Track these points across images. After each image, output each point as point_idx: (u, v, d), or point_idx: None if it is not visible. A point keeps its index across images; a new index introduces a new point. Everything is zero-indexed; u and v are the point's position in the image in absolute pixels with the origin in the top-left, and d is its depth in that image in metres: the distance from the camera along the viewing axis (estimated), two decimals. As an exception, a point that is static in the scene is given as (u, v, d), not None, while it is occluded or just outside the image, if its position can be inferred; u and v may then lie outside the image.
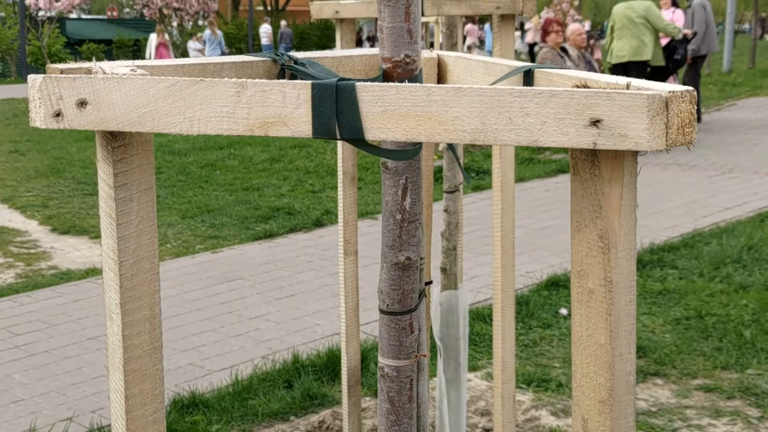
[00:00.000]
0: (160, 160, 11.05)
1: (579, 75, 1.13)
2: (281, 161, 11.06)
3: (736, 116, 14.53)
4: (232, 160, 11.23)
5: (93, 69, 1.13)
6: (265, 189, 9.45)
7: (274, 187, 9.58)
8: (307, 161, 11.00)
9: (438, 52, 1.56)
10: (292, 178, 10.07)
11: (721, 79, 20.66)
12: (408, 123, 1.02)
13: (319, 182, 9.70)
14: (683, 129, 0.99)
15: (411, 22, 1.24)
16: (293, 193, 9.30)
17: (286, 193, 9.27)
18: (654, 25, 11.95)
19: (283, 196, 9.11)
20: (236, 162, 11.12)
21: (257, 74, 1.34)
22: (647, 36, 11.94)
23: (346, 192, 2.90)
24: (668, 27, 12.20)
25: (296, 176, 10.14)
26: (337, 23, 3.27)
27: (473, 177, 9.55)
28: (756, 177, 9.23)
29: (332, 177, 9.50)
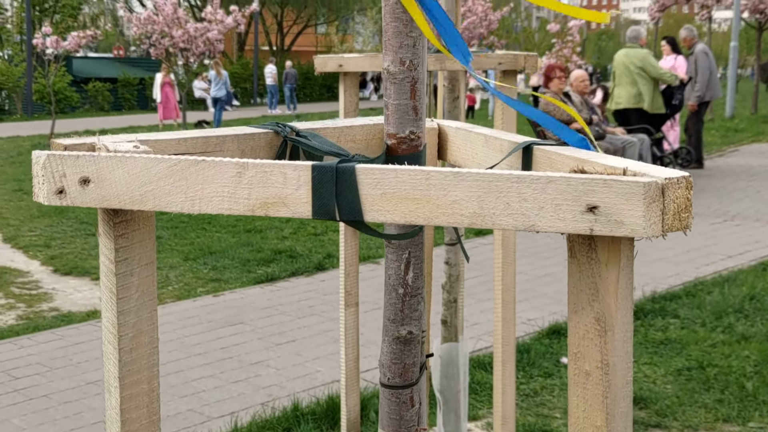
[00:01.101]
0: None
1: (577, 155, 1.15)
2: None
3: (739, 162, 14.57)
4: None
5: (96, 145, 1.14)
6: (268, 231, 9.47)
7: (276, 229, 9.59)
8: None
9: (438, 122, 1.58)
10: (295, 220, 10.09)
11: (723, 125, 20.73)
12: (407, 206, 1.03)
13: (321, 225, 9.71)
14: (679, 215, 1.00)
15: (416, 99, 1.25)
16: (295, 235, 9.31)
17: (289, 236, 9.28)
18: (650, 74, 12.06)
19: (286, 239, 9.12)
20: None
21: (259, 146, 1.35)
22: (644, 84, 12.05)
23: (347, 242, 2.91)
24: (665, 75, 12.29)
25: (298, 219, 10.15)
26: (341, 76, 3.29)
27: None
28: (758, 225, 9.24)
29: (335, 220, 9.53)
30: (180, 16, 21.78)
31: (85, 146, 1.14)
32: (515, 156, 1.29)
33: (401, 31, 1.23)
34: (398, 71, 1.24)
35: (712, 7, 21.65)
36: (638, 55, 12.18)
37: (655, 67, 12.32)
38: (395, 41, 1.23)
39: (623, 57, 12.29)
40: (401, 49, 1.23)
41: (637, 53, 12.22)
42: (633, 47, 12.42)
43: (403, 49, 1.23)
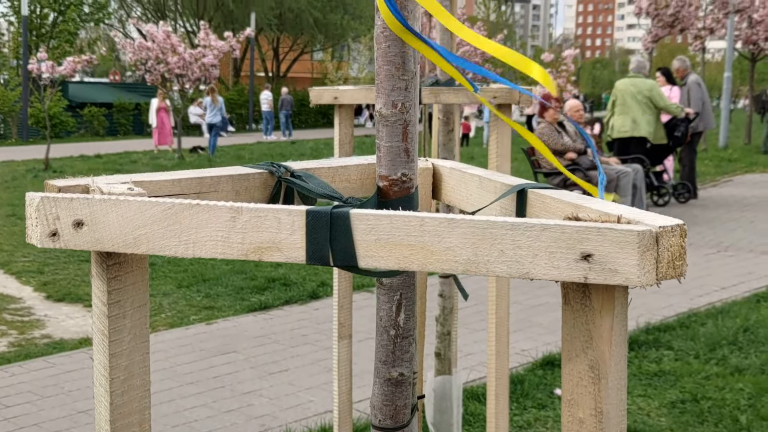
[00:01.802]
0: (157, 226, 11.06)
1: (571, 201, 1.15)
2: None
3: (732, 192, 14.61)
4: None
5: (90, 187, 1.14)
6: (262, 259, 9.44)
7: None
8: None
9: (433, 162, 1.58)
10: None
11: (717, 155, 20.82)
12: (401, 252, 1.03)
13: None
14: (673, 262, 1.00)
15: (408, 142, 1.25)
16: (289, 263, 9.29)
17: (282, 264, 9.26)
18: (657, 104, 12.09)
19: (279, 267, 9.10)
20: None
21: (254, 186, 1.35)
22: (649, 114, 12.09)
23: (341, 273, 2.91)
24: (671, 106, 12.33)
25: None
26: (336, 108, 3.30)
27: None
28: (752, 256, 9.25)
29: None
30: (173, 42, 21.86)
31: (79, 188, 1.14)
32: (509, 199, 1.29)
33: (393, 75, 1.23)
34: (390, 114, 1.24)
35: (705, 38, 21.78)
36: (646, 85, 12.19)
37: (663, 97, 12.34)
38: (387, 84, 1.24)
39: (629, 86, 12.27)
40: (393, 92, 1.24)
41: (645, 83, 12.23)
42: (638, 77, 12.44)
43: (395, 92, 1.24)
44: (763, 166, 19.29)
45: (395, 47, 1.22)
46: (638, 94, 12.07)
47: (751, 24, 23.07)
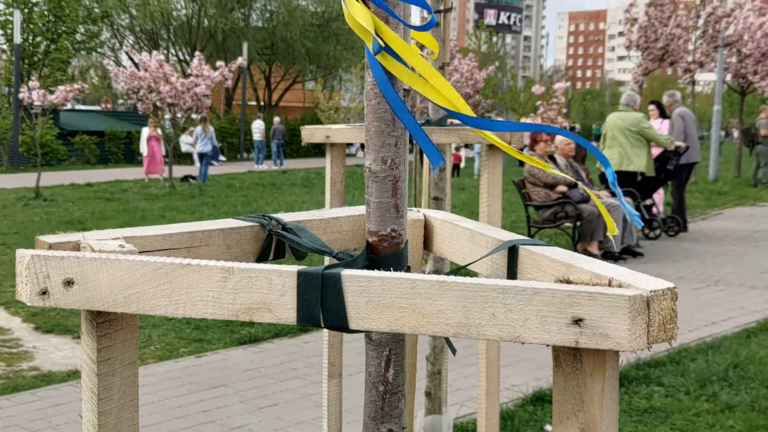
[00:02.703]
0: (147, 257, 11.05)
1: (562, 259, 1.15)
2: (269, 261, 11.07)
3: (722, 226, 14.66)
4: (219, 259, 11.23)
5: (81, 243, 1.14)
6: (252, 290, 9.42)
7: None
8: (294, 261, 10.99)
9: (425, 212, 1.58)
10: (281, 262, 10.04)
11: (707, 188, 20.91)
12: (392, 314, 1.03)
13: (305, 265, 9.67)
14: (665, 326, 1.00)
15: (398, 197, 1.26)
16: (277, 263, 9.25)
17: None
18: (646, 136, 12.17)
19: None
20: (224, 261, 11.11)
21: (245, 240, 1.35)
22: (638, 147, 12.16)
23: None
24: (660, 138, 12.41)
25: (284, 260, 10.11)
26: (328, 147, 3.31)
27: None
28: (742, 290, 9.26)
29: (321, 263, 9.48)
30: (166, 71, 21.91)
31: (70, 245, 1.14)
32: (501, 254, 1.29)
33: (383, 131, 1.23)
34: (380, 170, 1.24)
35: (695, 71, 21.93)
36: (634, 118, 12.29)
37: (652, 129, 12.43)
38: (377, 140, 1.24)
39: (618, 120, 12.37)
40: (383, 148, 1.24)
41: (632, 116, 12.32)
42: (627, 110, 12.53)
43: (384, 149, 1.24)
44: (753, 199, 19.38)
45: (385, 104, 1.22)
46: (626, 129, 12.16)
47: (740, 58, 23.25)
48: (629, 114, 12.41)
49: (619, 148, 12.20)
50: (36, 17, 36.13)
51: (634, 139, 12.17)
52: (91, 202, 18.70)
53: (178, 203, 18.65)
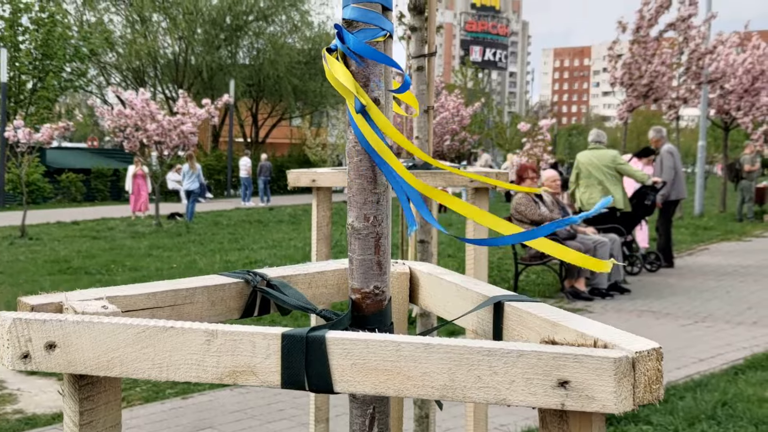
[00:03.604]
0: (133, 296, 11.00)
1: (548, 316, 1.15)
2: (255, 300, 11.01)
3: (709, 261, 14.70)
4: (206, 298, 11.17)
5: (63, 305, 1.13)
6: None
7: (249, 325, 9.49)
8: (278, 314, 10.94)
9: (410, 265, 1.58)
10: (265, 318, 10.01)
11: (693, 223, 21.00)
12: (377, 377, 1.02)
13: (293, 323, 9.64)
14: (650, 386, 1.00)
15: (380, 254, 1.25)
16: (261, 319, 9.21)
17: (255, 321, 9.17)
18: (623, 172, 12.28)
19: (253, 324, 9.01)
20: (210, 300, 11.06)
21: (230, 296, 1.34)
22: (614, 184, 12.25)
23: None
24: (637, 174, 12.51)
25: (270, 316, 10.09)
26: (314, 191, 3.31)
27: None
28: (729, 327, 9.27)
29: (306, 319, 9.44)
30: (152, 110, 21.93)
31: (53, 306, 1.13)
32: (487, 310, 1.28)
33: (365, 188, 1.24)
34: (362, 227, 1.24)
35: (679, 108, 22.10)
36: (609, 155, 12.40)
37: (628, 165, 12.55)
38: (359, 197, 1.24)
39: (592, 158, 12.47)
40: (365, 205, 1.24)
41: (607, 154, 12.44)
42: (600, 148, 12.63)
43: (367, 206, 1.24)
44: (738, 234, 19.46)
45: (367, 161, 1.22)
46: (603, 166, 12.26)
47: (723, 94, 23.45)
48: (603, 151, 12.51)
49: (600, 186, 12.29)
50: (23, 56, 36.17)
51: (610, 175, 12.27)
52: (78, 241, 18.62)
53: (164, 241, 18.59)
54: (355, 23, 1.21)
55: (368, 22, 1.21)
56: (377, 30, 1.21)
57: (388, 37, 1.23)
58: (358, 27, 1.21)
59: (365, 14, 1.21)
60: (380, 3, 1.22)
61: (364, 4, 1.21)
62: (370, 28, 1.21)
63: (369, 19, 1.21)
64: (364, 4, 1.21)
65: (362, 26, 1.21)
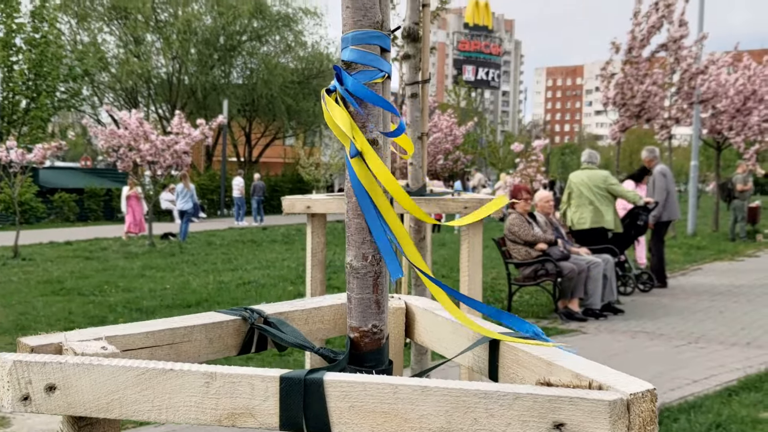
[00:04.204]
0: (126, 317, 10.98)
1: (543, 356, 1.16)
2: (249, 321, 10.99)
3: (702, 281, 14.72)
4: (199, 319, 11.14)
5: (63, 345, 1.14)
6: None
7: (241, 349, 9.48)
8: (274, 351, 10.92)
9: (406, 300, 1.59)
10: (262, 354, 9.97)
11: (686, 242, 21.04)
12: (375, 419, 1.03)
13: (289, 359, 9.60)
14: (645, 427, 1.01)
15: (378, 293, 1.26)
16: (259, 355, 9.21)
17: (253, 356, 9.17)
18: (615, 193, 12.33)
19: (251, 360, 9.01)
20: (204, 321, 11.02)
21: (227, 334, 1.35)
22: (606, 204, 12.30)
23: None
24: (629, 194, 12.56)
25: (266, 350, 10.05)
26: (308, 217, 3.32)
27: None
28: (722, 348, 9.28)
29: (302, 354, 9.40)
30: (146, 130, 21.94)
31: (52, 347, 1.14)
32: (483, 347, 1.29)
33: (364, 228, 1.25)
34: (361, 266, 1.26)
35: (671, 127, 22.19)
36: (601, 176, 12.45)
37: (619, 185, 12.60)
38: (358, 237, 1.25)
39: (584, 178, 12.53)
40: (364, 244, 1.25)
41: (599, 174, 12.49)
42: (592, 168, 12.70)
43: (365, 245, 1.25)
44: (731, 253, 19.50)
45: (366, 202, 1.23)
46: (594, 186, 12.31)
47: (715, 113, 23.57)
48: (595, 172, 12.57)
49: (591, 206, 12.34)
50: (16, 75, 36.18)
51: (601, 196, 12.32)
52: (71, 261, 18.58)
53: (158, 261, 18.56)
54: (354, 65, 1.23)
55: (367, 63, 1.23)
56: (376, 72, 1.23)
57: (386, 78, 1.25)
58: (357, 69, 1.23)
59: (364, 56, 1.22)
60: (378, 45, 1.24)
61: (363, 46, 1.22)
62: (369, 70, 1.23)
63: (368, 61, 1.22)
64: (363, 46, 1.22)
65: (361, 68, 1.23)
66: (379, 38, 1.22)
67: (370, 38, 1.21)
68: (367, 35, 1.21)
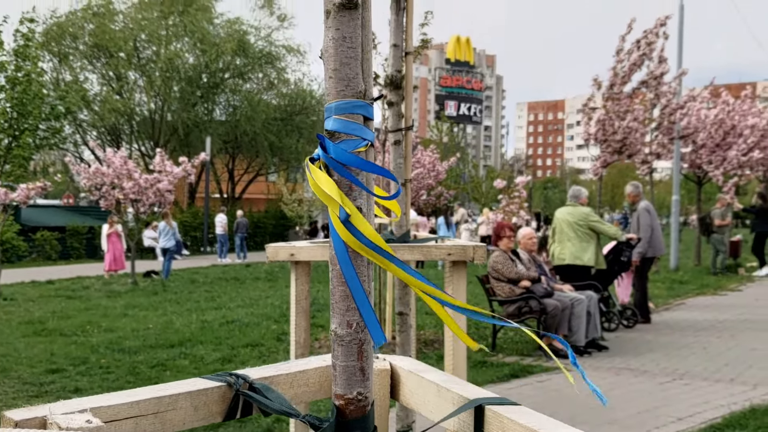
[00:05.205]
0: (109, 358, 10.90)
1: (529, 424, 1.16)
2: (233, 361, 10.94)
3: (685, 317, 14.76)
4: (183, 360, 11.08)
5: (48, 420, 1.13)
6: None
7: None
8: (259, 362, 10.88)
9: (391, 361, 1.59)
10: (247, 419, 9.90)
11: (669, 277, 21.12)
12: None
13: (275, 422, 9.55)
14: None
15: (363, 360, 1.27)
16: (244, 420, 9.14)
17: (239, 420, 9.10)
18: (595, 229, 12.40)
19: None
20: (187, 361, 10.96)
21: (212, 401, 1.35)
22: (587, 241, 12.36)
23: None
24: (610, 230, 12.64)
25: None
26: (292, 264, 3.32)
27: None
28: (706, 384, 9.29)
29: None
30: (130, 168, 21.94)
31: (37, 421, 1.13)
32: (468, 412, 1.30)
33: (348, 295, 1.25)
34: (346, 334, 1.26)
35: (652, 162, 22.36)
36: (582, 213, 12.54)
37: (601, 222, 12.69)
38: (342, 305, 1.26)
39: (566, 215, 12.64)
40: (348, 312, 1.25)
41: (580, 211, 12.57)
42: (575, 205, 12.79)
43: (350, 312, 1.26)
44: (714, 288, 19.59)
45: (350, 269, 1.24)
46: (575, 223, 12.40)
47: (695, 148, 23.77)
48: (577, 209, 12.67)
49: (570, 243, 12.42)
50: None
51: (582, 233, 12.40)
52: (53, 301, 18.47)
53: (140, 300, 18.48)
54: (338, 134, 1.24)
55: (350, 132, 1.24)
56: (359, 140, 1.24)
57: (369, 146, 1.26)
58: (341, 138, 1.24)
59: (347, 125, 1.24)
60: (362, 114, 1.25)
61: (347, 116, 1.23)
62: (352, 139, 1.24)
63: (351, 130, 1.24)
64: (347, 115, 1.23)
65: (344, 137, 1.24)
66: (362, 108, 1.23)
67: (354, 108, 1.23)
68: (351, 105, 1.22)
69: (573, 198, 13.04)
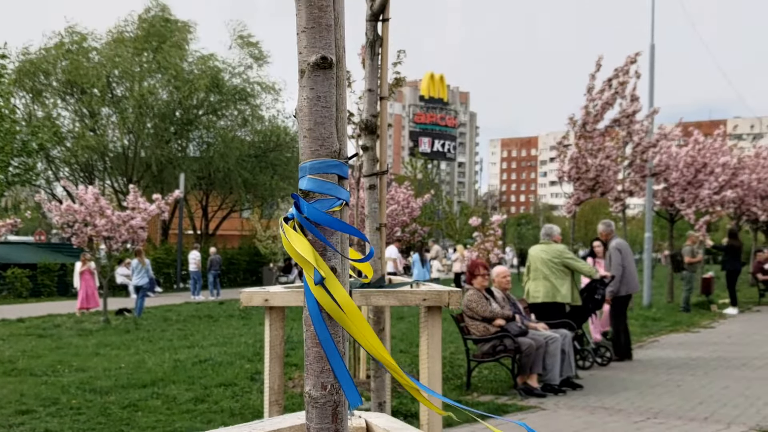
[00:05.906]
0: (80, 399, 10.77)
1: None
2: (206, 401, 10.83)
3: (659, 354, 14.80)
4: (155, 400, 10.95)
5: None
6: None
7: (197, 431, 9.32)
8: (232, 401, 10.78)
9: (366, 418, 1.57)
10: (217, 420, 9.84)
11: (642, 314, 21.20)
12: None
13: None
14: None
15: (338, 422, 1.25)
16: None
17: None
18: (570, 267, 12.47)
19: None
20: (159, 402, 10.84)
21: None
22: (562, 278, 12.43)
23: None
24: (584, 268, 12.71)
25: (221, 419, 9.90)
26: (266, 310, 3.30)
27: (401, 419, 9.41)
28: (681, 423, 9.29)
29: (259, 416, 9.28)
30: (102, 205, 21.84)
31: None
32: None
33: (323, 356, 1.24)
34: (320, 396, 1.24)
35: (624, 200, 22.52)
36: (556, 250, 12.61)
37: (575, 259, 12.76)
38: (316, 366, 1.24)
39: (541, 252, 12.72)
40: (323, 373, 1.24)
41: (554, 248, 12.64)
42: (548, 243, 12.87)
43: (324, 374, 1.24)
44: (687, 325, 19.69)
45: (325, 331, 1.23)
46: (549, 261, 12.48)
47: (667, 186, 23.98)
48: (551, 246, 12.76)
49: (544, 280, 12.48)
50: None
51: (557, 270, 12.46)
52: (23, 340, 18.26)
53: (113, 338, 18.30)
54: (312, 194, 1.23)
55: (325, 192, 1.23)
56: (333, 200, 1.23)
57: (344, 206, 1.25)
58: (315, 197, 1.23)
59: (322, 185, 1.23)
60: (336, 174, 1.24)
61: (321, 175, 1.23)
62: (327, 199, 1.23)
63: (325, 190, 1.23)
64: (321, 175, 1.23)
65: (319, 197, 1.23)
66: (336, 167, 1.23)
67: (328, 167, 1.22)
68: (325, 165, 1.22)
69: (546, 236, 13.13)
